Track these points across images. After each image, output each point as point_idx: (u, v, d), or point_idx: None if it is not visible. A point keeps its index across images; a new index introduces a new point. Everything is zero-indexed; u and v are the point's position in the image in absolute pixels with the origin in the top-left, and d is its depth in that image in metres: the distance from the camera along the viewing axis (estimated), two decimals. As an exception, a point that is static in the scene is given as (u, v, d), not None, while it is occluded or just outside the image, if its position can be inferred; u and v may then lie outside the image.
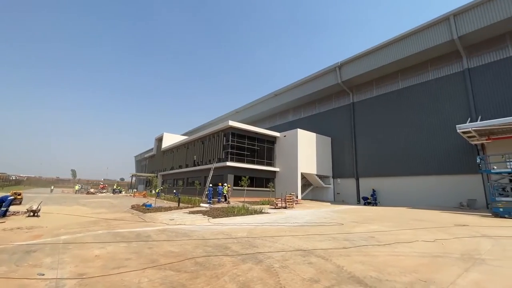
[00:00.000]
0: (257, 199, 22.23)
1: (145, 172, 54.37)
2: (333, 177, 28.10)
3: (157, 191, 25.02)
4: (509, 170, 13.32)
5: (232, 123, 24.53)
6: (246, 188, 21.40)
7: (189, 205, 16.91)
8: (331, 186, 27.88)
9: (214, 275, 4.08)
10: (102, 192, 41.04)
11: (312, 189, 28.33)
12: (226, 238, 7.20)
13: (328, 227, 9.24)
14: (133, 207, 15.43)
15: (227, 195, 20.17)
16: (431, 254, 5.42)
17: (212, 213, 12.44)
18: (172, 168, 36.89)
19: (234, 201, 20.14)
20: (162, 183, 39.41)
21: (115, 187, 43.90)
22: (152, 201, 18.49)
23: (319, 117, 31.17)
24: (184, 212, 12.87)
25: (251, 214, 13.13)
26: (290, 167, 25.45)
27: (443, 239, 7.00)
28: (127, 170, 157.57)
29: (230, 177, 23.31)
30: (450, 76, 20.79)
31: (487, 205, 16.53)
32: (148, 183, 45.49)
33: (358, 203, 24.72)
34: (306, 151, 25.79)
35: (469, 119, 18.29)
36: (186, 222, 10.08)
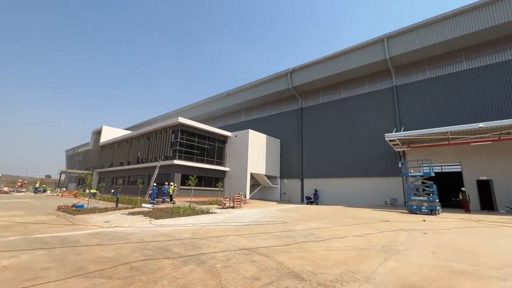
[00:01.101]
0: (205, 199, 21.78)
1: (78, 169, 48.22)
2: (281, 178, 29.33)
3: (91, 190, 22.42)
4: (422, 174, 15.86)
5: (182, 120, 23.54)
6: (193, 187, 20.77)
7: (130, 206, 15.59)
8: (278, 186, 29.06)
9: (151, 280, 3.83)
10: (20, 191, 34.86)
11: (260, 189, 29.06)
12: (169, 240, 6.85)
13: (273, 226, 9.58)
14: (59, 208, 13.47)
15: (173, 195, 19.25)
16: (359, 248, 6.08)
17: (154, 214, 11.69)
18: (111, 165, 33.51)
19: (180, 201, 19.34)
20: (99, 182, 35.51)
21: (37, 185, 37.75)
22: (84, 201, 16.48)
23: (270, 119, 32.21)
24: (123, 213, 11.80)
25: (198, 214, 12.78)
26: (240, 167, 25.64)
27: (369, 234, 7.93)
28: (55, 166, 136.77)
29: (177, 176, 22.32)
30: (382, 91, 23.75)
31: (405, 203, 19.36)
32: (82, 182, 40.42)
33: (302, 202, 26.31)
34: (257, 151, 26.35)
35: (395, 129, 21.20)
36: (124, 224, 9.26)
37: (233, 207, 17.57)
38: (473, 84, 19.20)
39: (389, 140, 19.08)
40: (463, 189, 16.30)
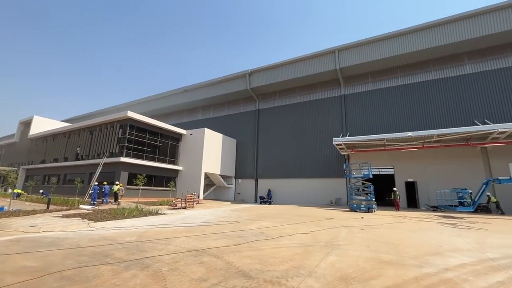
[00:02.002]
0: (155, 200, 20.62)
1: (-3, 165, 40.95)
2: (236, 178, 29.41)
3: (15, 190, 19.32)
4: (362, 175, 17.61)
5: (132, 114, 21.88)
6: (142, 187, 19.48)
7: (65, 207, 13.86)
8: (233, 186, 29.09)
9: (85, 289, 3.48)
10: None
11: (214, 189, 28.70)
12: (109, 244, 6.30)
13: (225, 226, 9.56)
14: (-31, 211, 11.28)
15: (118, 195, 17.75)
16: (305, 244, 6.47)
17: (94, 216, 10.62)
18: (43, 162, 29.32)
19: (126, 202, 17.94)
20: (26, 180, 30.78)
21: None
22: (5, 202, 14.10)
23: (228, 119, 32.08)
24: (55, 216, 10.44)
25: (145, 215, 12.03)
26: (194, 166, 24.93)
27: (315, 231, 8.49)
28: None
29: (124, 175, 20.67)
30: (332, 98, 25.65)
31: (347, 202, 21.23)
32: (3, 180, 34.45)
33: (256, 202, 26.80)
34: (212, 151, 25.96)
35: (341, 134, 23.10)
36: (56, 229, 8.21)
37: (185, 208, 16.99)
38: (405, 98, 22.06)
39: (336, 144, 20.71)
40: (394, 189, 18.56)
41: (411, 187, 20.66)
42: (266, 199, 25.52)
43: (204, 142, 25.03)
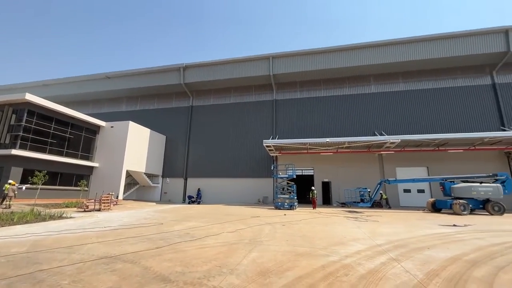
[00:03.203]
0: (60, 201, 17.49)
1: None
2: (163, 176, 27.62)
3: None
4: (287, 176, 19.10)
5: (32, 98, 17.97)
6: (41, 186, 16.19)
7: None
8: (159, 185, 27.23)
9: None
10: None
11: (138, 188, 26.28)
12: (-14, 258, 5.00)
13: (146, 228, 8.86)
14: None
15: (7, 197, 14.26)
16: (230, 243, 6.59)
17: (-34, 224, 8.25)
18: None
19: (19, 204, 14.60)
20: None
21: None
22: None
23: (157, 113, 29.86)
24: None
25: (44, 220, 10.05)
26: (114, 163, 22.22)
27: (241, 229, 8.74)
28: None
29: (17, 171, 16.81)
30: (265, 102, 26.94)
31: (273, 200, 22.65)
32: None
33: (184, 202, 25.78)
34: (137, 147, 23.69)
35: (271, 136, 24.50)
36: None
37: (99, 210, 14.96)
38: (326, 108, 25.05)
39: (266, 146, 21.86)
40: (312, 188, 20.76)
41: (326, 186, 23.55)
42: (196, 199, 24.85)
43: (128, 137, 22.62)
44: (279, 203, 17.60)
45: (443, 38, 22.10)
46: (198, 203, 24.41)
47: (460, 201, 15.30)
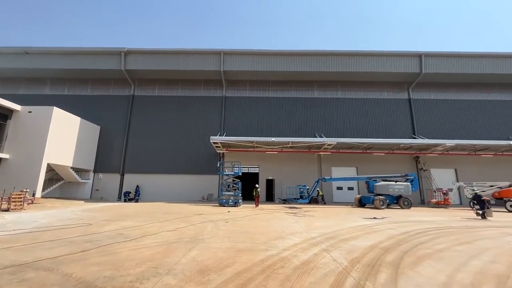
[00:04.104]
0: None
1: None
2: (95, 172, 24.65)
3: None
4: (233, 173, 19.21)
5: None
6: None
7: None
8: (90, 181, 24.23)
9: None
10: None
11: (62, 185, 22.91)
12: None
13: (70, 230, 7.80)
14: None
15: None
16: (169, 242, 6.30)
17: None
18: None
19: None
20: None
21: None
22: None
23: (91, 101, 26.43)
24: None
25: None
26: (31, 155, 18.81)
27: (182, 227, 8.44)
28: None
29: None
30: (214, 98, 26.47)
31: (218, 197, 22.51)
32: None
33: (119, 200, 23.54)
34: (62, 137, 20.56)
35: (219, 133, 24.26)
36: None
37: (7, 210, 12.51)
38: (273, 109, 26.00)
39: (213, 143, 21.56)
40: (256, 186, 21.32)
41: (270, 184, 24.52)
42: (132, 196, 22.94)
43: (51, 125, 19.44)
44: (224, 200, 17.59)
45: (371, 55, 25.22)
46: (136, 201, 22.59)
47: (380, 197, 17.79)
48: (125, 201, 22.39)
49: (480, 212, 12.55)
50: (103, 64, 25.53)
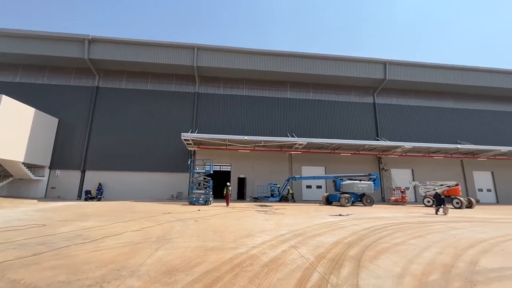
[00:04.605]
0: None
1: None
2: (51, 168, 22.60)
3: None
4: (204, 171, 18.89)
5: None
6: None
7: None
8: (45, 178, 22.17)
9: None
10: None
11: (12, 182, 20.71)
12: None
13: (20, 232, 7.07)
14: None
15: None
16: (134, 242, 6.01)
17: None
18: None
19: None
20: None
21: None
22: None
23: (48, 90, 24.12)
24: None
25: None
26: (-29, 148, 16.69)
27: (149, 227, 8.10)
28: None
29: None
30: (186, 93, 25.72)
31: (188, 196, 21.95)
32: None
33: (79, 198, 21.89)
34: (12, 128, 18.53)
35: (190, 130, 23.66)
36: None
37: None
38: (247, 107, 26.01)
39: (184, 139, 20.98)
40: (227, 184, 21.18)
41: (242, 182, 24.54)
42: (94, 195, 21.47)
43: (-1, 115, 17.42)
44: (194, 199, 17.23)
45: (341, 59, 26.38)
46: (99, 199, 21.17)
47: (346, 195, 18.75)
48: (86, 200, 20.88)
49: (440, 208, 14.27)
50: (64, 51, 23.44)
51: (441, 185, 20.60)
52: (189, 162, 20.54)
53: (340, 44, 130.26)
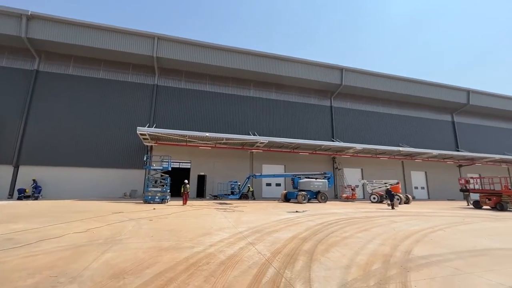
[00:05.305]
0: None
1: None
2: (-27, 162, 19.28)
3: None
4: (161, 167, 17.98)
5: None
6: None
7: None
8: (-35, 174, 18.83)
9: None
10: None
11: None
12: None
13: None
14: None
15: None
16: (77, 245, 5.45)
17: None
18: None
19: None
20: None
21: None
22: None
23: (-31, 70, 20.45)
24: None
25: None
26: None
27: (96, 228, 7.43)
28: None
29: None
30: (144, 85, 24.13)
31: (144, 194, 20.74)
32: None
33: (11, 197, 19.10)
34: None
35: (148, 124, 22.32)
36: None
37: None
38: (209, 103, 25.49)
39: (140, 134, 19.71)
40: (185, 181, 20.38)
41: (202, 180, 24.02)
42: (32, 193, 18.92)
43: None
44: (150, 197, 16.32)
45: (303, 63, 27.48)
46: (36, 198, 18.72)
47: (302, 192, 19.65)
48: (19, 199, 18.30)
49: (390, 203, 16.26)
50: (-7, 26, 20.11)
51: (385, 183, 22.84)
52: (145, 158, 19.39)
53: (298, 48, 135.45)
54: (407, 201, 21.29)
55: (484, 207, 17.94)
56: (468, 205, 20.34)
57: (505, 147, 35.77)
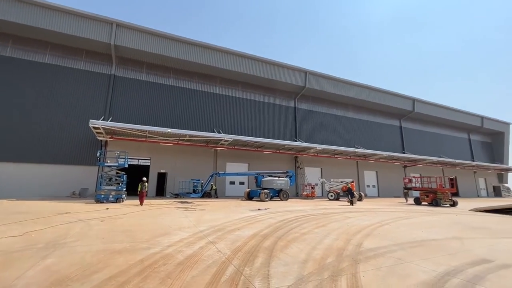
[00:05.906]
0: None
1: None
2: None
3: None
4: (117, 164, 16.74)
5: None
6: None
7: None
8: None
9: None
10: None
11: None
12: None
13: None
14: None
15: None
16: (10, 251, 4.79)
17: None
18: None
19: None
20: None
21: None
22: None
23: None
24: None
25: None
26: None
27: (36, 230, 6.62)
28: None
29: None
30: (99, 74, 22.18)
31: (95, 192, 19.10)
32: None
33: None
34: None
35: (102, 117, 20.58)
36: None
37: None
38: (172, 98, 24.48)
39: (93, 127, 18.10)
40: (144, 179, 19.24)
41: (162, 178, 22.96)
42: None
43: None
44: (102, 196, 15.06)
45: (269, 63, 28.00)
46: (-42, 198, 16.00)
47: (265, 190, 19.99)
48: None
49: (350, 200, 17.79)
50: None
51: (341, 181, 24.39)
52: (98, 154, 17.82)
53: (272, 49, 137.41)
54: (360, 199, 23.02)
55: (423, 203, 20.25)
56: (406, 201, 22.83)
57: (441, 151, 40.87)
